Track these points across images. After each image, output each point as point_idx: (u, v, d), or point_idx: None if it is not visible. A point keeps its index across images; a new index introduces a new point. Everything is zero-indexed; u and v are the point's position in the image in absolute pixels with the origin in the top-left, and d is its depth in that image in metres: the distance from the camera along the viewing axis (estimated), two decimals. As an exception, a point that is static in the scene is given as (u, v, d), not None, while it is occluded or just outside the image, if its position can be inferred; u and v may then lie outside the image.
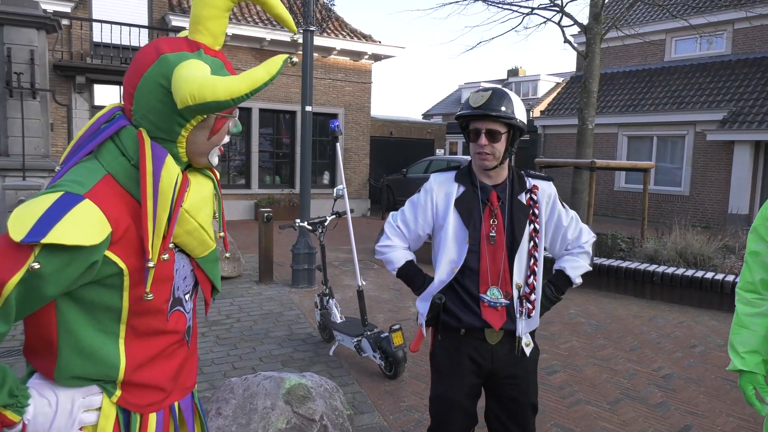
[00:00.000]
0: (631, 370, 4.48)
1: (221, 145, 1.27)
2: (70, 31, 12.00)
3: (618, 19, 10.28)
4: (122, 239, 1.10)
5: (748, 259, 1.89)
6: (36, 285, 1.00)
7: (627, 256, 7.81)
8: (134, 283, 1.14)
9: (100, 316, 1.14)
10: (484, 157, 2.03)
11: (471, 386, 2.13)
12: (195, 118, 1.17)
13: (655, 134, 15.88)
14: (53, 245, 0.99)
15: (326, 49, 14.48)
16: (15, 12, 6.66)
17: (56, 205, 1.01)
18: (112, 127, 1.16)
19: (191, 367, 1.38)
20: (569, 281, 2.21)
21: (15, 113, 6.90)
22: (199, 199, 1.26)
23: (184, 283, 1.30)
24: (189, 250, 1.28)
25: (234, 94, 1.06)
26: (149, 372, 1.23)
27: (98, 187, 1.09)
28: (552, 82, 31.80)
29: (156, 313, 1.21)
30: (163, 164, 1.13)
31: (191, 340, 1.37)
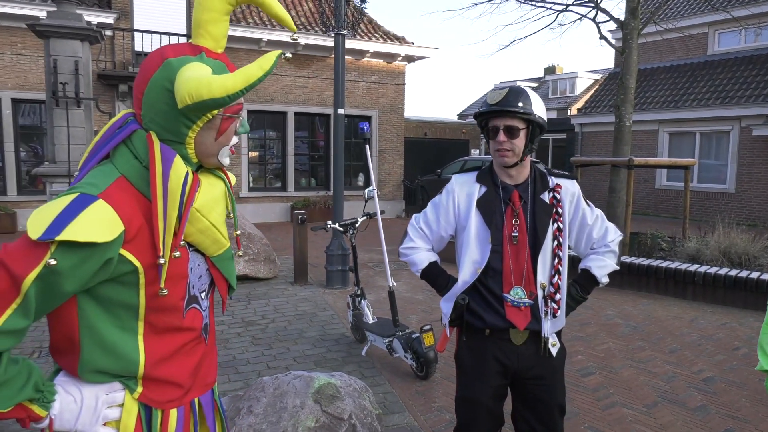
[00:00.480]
0: (670, 373, 4.37)
1: (230, 146, 1.30)
2: (113, 42, 12.42)
3: (656, 13, 9.99)
4: (136, 238, 1.15)
5: None
6: (54, 281, 1.05)
7: (668, 256, 7.60)
8: (149, 281, 1.18)
9: (119, 313, 1.19)
10: (503, 153, 2.03)
11: (496, 387, 2.12)
12: (201, 119, 1.20)
13: (697, 130, 15.40)
14: (68, 242, 1.04)
15: (360, 51, 14.57)
16: (60, 25, 6.93)
17: (71, 206, 1.07)
18: (123, 131, 1.21)
19: (210, 364, 1.42)
20: (595, 281, 2.18)
21: (61, 122, 7.17)
22: (211, 199, 1.29)
23: (199, 282, 1.34)
24: (203, 248, 1.32)
25: (229, 91, 1.10)
26: (168, 368, 1.27)
27: (112, 188, 1.14)
28: (590, 79, 31.18)
29: (172, 310, 1.25)
30: (172, 164, 1.17)
31: (209, 338, 1.40)
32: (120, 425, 1.22)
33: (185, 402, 1.33)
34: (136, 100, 1.24)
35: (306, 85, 14.39)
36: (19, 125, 12.02)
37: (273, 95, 13.99)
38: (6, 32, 11.52)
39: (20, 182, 12.01)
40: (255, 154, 14.32)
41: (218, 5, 1.23)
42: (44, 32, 6.89)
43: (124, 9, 12.61)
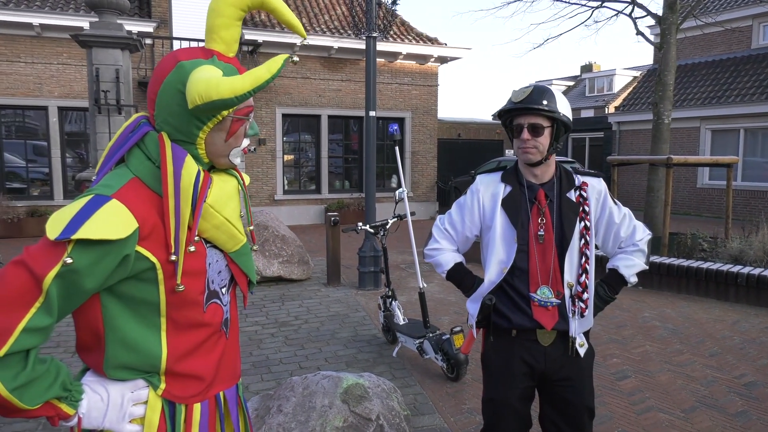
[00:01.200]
0: (710, 377, 4.24)
1: (242, 147, 1.34)
2: (153, 50, 12.79)
3: (695, 8, 9.71)
4: (151, 235, 1.19)
5: None
6: (73, 279, 1.10)
7: (709, 257, 7.38)
8: (168, 277, 1.22)
9: (141, 310, 1.24)
10: (527, 150, 2.02)
11: (524, 389, 2.11)
12: (211, 120, 1.24)
13: (741, 126, 14.88)
14: (84, 241, 1.09)
15: (392, 53, 14.61)
16: (102, 35, 7.18)
17: (86, 207, 1.12)
18: (136, 134, 1.26)
19: (233, 359, 1.45)
20: (623, 280, 2.14)
21: (103, 128, 7.43)
22: (223, 195, 1.33)
23: (219, 277, 1.37)
24: (220, 244, 1.35)
25: (237, 92, 1.14)
26: (190, 363, 1.31)
27: (125, 189, 1.18)
28: (629, 76, 30.42)
29: (192, 305, 1.28)
30: (183, 163, 1.22)
31: (231, 332, 1.43)
32: (145, 422, 1.26)
33: (209, 396, 1.37)
34: (149, 101, 1.29)
35: (339, 88, 14.52)
36: (65, 132, 12.49)
37: (307, 99, 14.16)
38: (53, 43, 11.99)
39: (66, 187, 12.47)
40: (290, 157, 14.51)
41: (230, 11, 1.28)
42: (87, 42, 7.15)
43: (163, 18, 12.96)
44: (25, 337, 1.06)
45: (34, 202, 12.10)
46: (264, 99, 13.71)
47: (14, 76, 11.79)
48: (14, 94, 11.82)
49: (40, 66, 11.97)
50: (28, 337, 1.06)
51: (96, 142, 7.50)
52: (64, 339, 5.04)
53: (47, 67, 12.01)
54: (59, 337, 5.07)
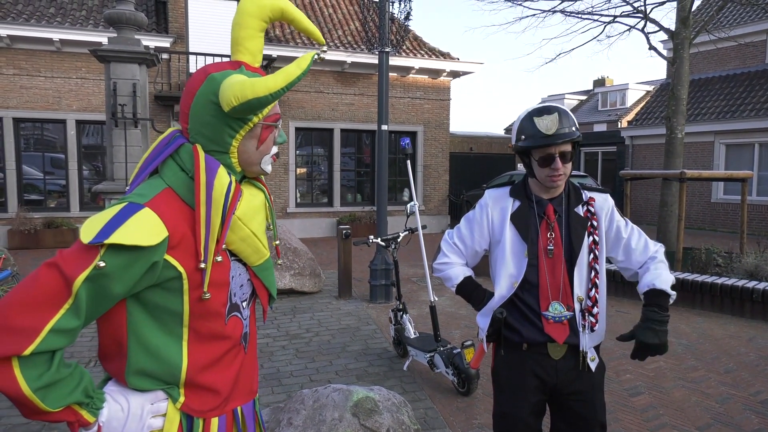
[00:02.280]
0: (725, 394, 4.18)
1: (272, 154, 1.39)
2: (169, 65, 13.00)
3: (708, 23, 9.69)
4: (180, 245, 1.22)
5: None
6: (103, 283, 1.13)
7: (724, 272, 7.30)
8: (193, 287, 1.25)
9: (165, 318, 1.26)
10: (556, 178, 2.00)
11: (535, 403, 2.10)
12: (243, 128, 1.29)
13: (756, 141, 14.75)
14: (116, 246, 1.13)
15: (405, 68, 14.72)
16: (120, 50, 7.33)
17: (120, 214, 1.16)
18: (171, 146, 1.30)
19: (251, 373, 1.46)
20: (666, 294, 2.02)
21: (119, 141, 7.55)
22: (251, 209, 1.36)
23: (241, 291, 1.39)
24: (244, 257, 1.38)
25: (271, 90, 1.18)
26: (209, 376, 1.32)
27: (158, 198, 1.22)
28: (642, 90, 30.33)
29: (215, 316, 1.30)
30: (216, 174, 1.25)
31: (249, 347, 1.45)
32: None
33: (227, 411, 1.38)
34: (182, 115, 1.33)
35: (352, 102, 14.63)
36: (83, 145, 12.69)
37: (320, 113, 14.28)
38: (72, 58, 12.24)
39: (82, 199, 12.65)
40: (303, 170, 14.61)
41: (254, 23, 1.33)
42: (105, 57, 7.30)
43: (179, 33, 13.19)
44: (52, 337, 1.08)
45: (51, 213, 12.28)
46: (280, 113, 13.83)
47: (34, 90, 12.04)
48: (34, 107, 12.05)
49: (60, 80, 12.21)
50: (54, 337, 1.08)
51: (112, 155, 7.62)
52: (78, 350, 5.09)
53: (66, 81, 12.25)
54: (73, 347, 5.12)
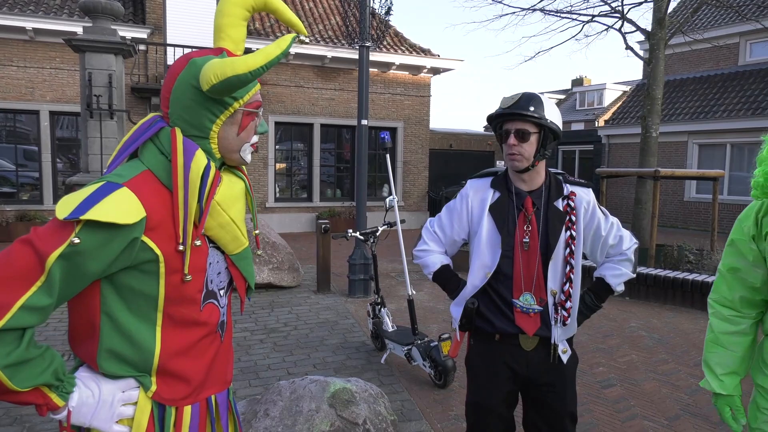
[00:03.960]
0: (694, 386, 4.29)
1: (252, 143, 1.37)
2: (147, 56, 12.80)
3: (684, 24, 9.88)
4: (158, 227, 1.21)
5: (725, 273, 1.80)
6: (78, 261, 1.12)
7: (695, 269, 7.47)
8: (169, 271, 1.24)
9: (139, 303, 1.25)
10: (513, 157, 2.05)
11: (507, 393, 2.14)
12: (223, 113, 1.29)
13: (728, 141, 15.10)
14: (92, 222, 1.11)
15: (385, 64, 14.72)
16: (95, 39, 7.20)
17: (97, 192, 1.15)
18: (151, 130, 1.30)
19: (226, 363, 1.46)
20: (610, 289, 2.18)
21: (94, 133, 7.43)
22: (231, 195, 1.35)
23: (218, 278, 1.39)
24: (223, 244, 1.37)
25: (251, 67, 1.18)
26: (182, 362, 1.31)
27: (137, 179, 1.21)
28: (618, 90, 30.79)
29: (190, 302, 1.30)
30: (194, 156, 1.25)
31: (225, 336, 1.45)
32: (133, 423, 1.26)
33: (200, 399, 1.37)
34: (163, 99, 1.33)
35: (332, 97, 14.59)
36: (56, 137, 12.45)
37: (300, 107, 14.21)
38: (46, 47, 11.98)
39: (56, 192, 12.41)
40: (282, 165, 14.53)
41: (236, 11, 1.33)
42: (80, 47, 7.17)
43: (157, 24, 13.00)
44: (23, 314, 1.06)
45: (24, 206, 12.03)
46: (257, 107, 13.73)
47: (6, 80, 11.76)
48: (6, 98, 11.78)
49: (33, 70, 11.95)
50: (25, 314, 1.07)
51: (87, 147, 7.50)
52: (52, 343, 5.01)
53: (40, 71, 11.99)
54: (47, 340, 5.04)
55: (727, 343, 1.78)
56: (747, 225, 1.73)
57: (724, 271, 1.81)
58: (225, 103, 1.28)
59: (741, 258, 1.75)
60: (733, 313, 1.80)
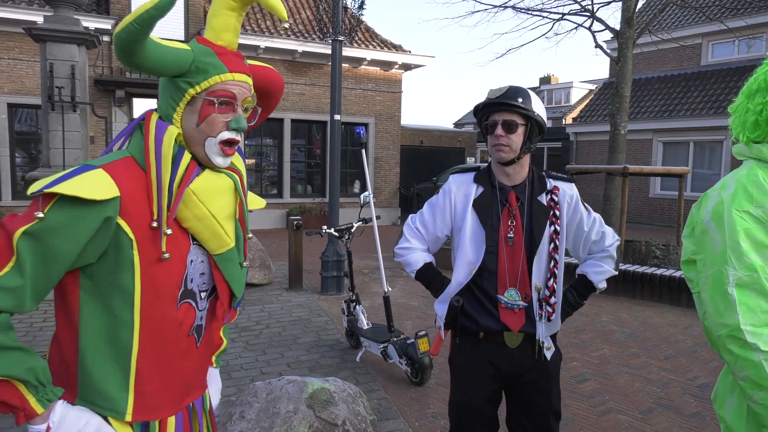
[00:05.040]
0: (665, 379, 4.36)
1: (219, 140, 1.27)
2: (111, 47, 12.42)
3: (650, 23, 10.08)
4: (134, 212, 1.17)
5: (759, 278, 1.28)
6: (46, 240, 1.08)
7: (662, 264, 7.62)
8: (144, 259, 1.19)
9: (116, 302, 1.19)
10: (500, 148, 2.02)
11: (491, 391, 2.11)
12: (182, 99, 1.25)
13: (691, 139, 15.49)
14: (62, 199, 1.09)
15: (357, 59, 14.61)
16: (57, 29, 6.92)
17: (71, 171, 1.13)
18: (138, 118, 1.29)
19: (202, 369, 1.40)
20: (592, 286, 2.17)
21: (56, 126, 7.15)
22: (211, 188, 1.29)
23: (200, 279, 1.32)
24: (203, 241, 1.30)
25: (135, 14, 1.11)
26: (161, 369, 1.26)
27: (115, 163, 1.18)
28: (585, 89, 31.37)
29: (167, 297, 1.23)
30: (165, 131, 1.22)
31: (202, 343, 1.37)
32: None
33: (182, 407, 1.32)
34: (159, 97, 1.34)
35: (303, 92, 14.42)
36: (15, 130, 11.99)
37: (269, 102, 13.98)
38: (3, 37, 11.51)
39: (15, 187, 11.96)
40: (251, 161, 14.30)
41: (220, 1, 1.30)
42: (41, 36, 6.89)
43: (122, 15, 12.62)
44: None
45: (-20, 202, 11.56)
46: (225, 101, 13.48)
47: (-40, 71, 11.27)
48: (-40, 89, 11.29)
49: (-11, 60, 11.48)
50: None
51: (49, 141, 7.21)
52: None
53: (-4, 61, 11.53)
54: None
55: None
56: None
57: (756, 275, 1.29)
58: (180, 89, 1.24)
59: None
60: None
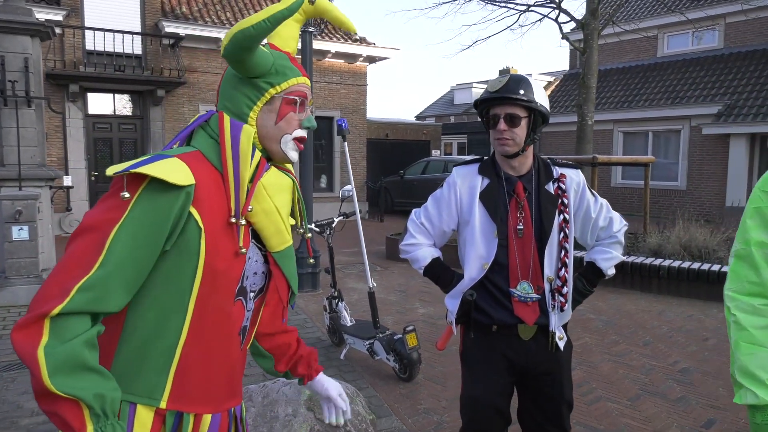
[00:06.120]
0: (647, 365, 4.43)
1: (294, 137, 1.30)
2: (63, 40, 11.88)
3: (614, 15, 10.26)
4: (204, 203, 1.16)
5: (752, 253, 1.44)
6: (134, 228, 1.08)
7: (631, 251, 7.77)
8: (210, 250, 1.16)
9: (171, 289, 1.16)
10: (503, 142, 1.97)
11: (505, 385, 2.06)
12: (260, 99, 1.26)
13: (650, 129, 15.91)
14: (149, 183, 1.10)
15: (321, 52, 14.41)
16: (8, 20, 6.54)
17: (147, 158, 1.13)
18: (201, 117, 1.29)
19: (241, 373, 1.35)
20: (601, 273, 2.14)
21: (10, 122, 6.77)
22: (277, 184, 1.30)
23: (253, 278, 1.30)
24: (266, 237, 1.29)
25: (252, 22, 1.16)
26: (205, 362, 1.21)
27: (187, 155, 1.19)
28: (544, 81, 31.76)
29: (225, 291, 1.21)
30: (242, 129, 1.23)
31: (244, 345, 1.33)
32: None
33: (222, 409, 1.26)
34: (217, 96, 1.35)
35: (266, 85, 14.12)
36: (-39, 128, 11.34)
37: (232, 96, 13.66)
38: (-56, 29, 10.85)
39: (-38, 188, 11.33)
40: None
41: None
42: (-9, 27, 6.49)
43: (74, 6, 12.08)
44: (81, 295, 1.02)
45: (-76, 204, 10.89)
46: (187, 95, 13.10)
47: None
48: None
49: (-70, 54, 10.79)
50: (80, 296, 1.02)
51: (1, 138, 6.82)
52: None
53: (-61, 55, 10.85)
54: None
55: (766, 340, 1.40)
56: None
57: (751, 249, 1.45)
58: (261, 88, 1.26)
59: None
60: (765, 302, 1.42)
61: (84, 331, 1.03)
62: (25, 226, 6.24)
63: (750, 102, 13.81)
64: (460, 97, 31.22)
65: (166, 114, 12.95)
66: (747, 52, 15.17)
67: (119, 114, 12.98)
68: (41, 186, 7.04)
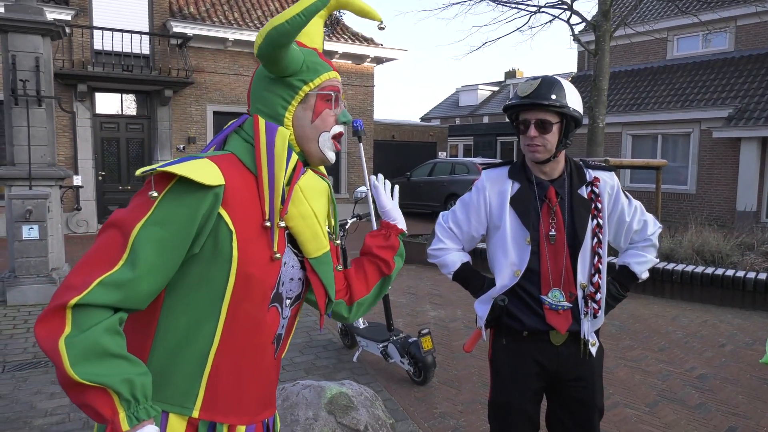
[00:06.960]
0: (664, 371, 4.37)
1: (332, 134, 1.28)
2: (71, 39, 11.89)
3: (627, 17, 10.20)
4: (235, 205, 1.13)
5: None
6: (160, 228, 1.06)
7: (643, 255, 7.71)
8: (242, 255, 1.13)
9: (203, 294, 1.13)
10: (534, 149, 1.91)
11: (535, 390, 2.02)
12: (294, 98, 1.24)
13: (659, 132, 15.81)
14: (177, 183, 1.08)
15: (329, 53, 14.39)
16: (20, 19, 6.53)
17: (179, 159, 1.12)
18: (236, 122, 1.27)
19: (275, 384, 1.31)
20: (635, 277, 2.10)
21: (21, 121, 6.76)
22: (314, 188, 1.27)
23: (289, 284, 1.27)
24: (302, 242, 1.25)
25: (286, 17, 1.13)
26: (238, 371, 1.17)
27: (220, 157, 1.17)
28: (551, 83, 31.72)
29: (259, 297, 1.17)
30: (277, 131, 1.20)
31: (278, 354, 1.29)
32: None
33: (257, 420, 1.22)
34: (248, 99, 1.33)
35: (274, 86, 14.11)
36: (-30, 126, 11.36)
37: (239, 96, 13.66)
38: (-45, 28, 10.87)
39: (-29, 187, 11.34)
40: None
41: None
42: (2, 27, 6.50)
43: (82, 5, 12.10)
44: (99, 290, 1.00)
45: (-67, 203, 10.90)
46: (194, 96, 13.10)
47: None
48: None
49: (-59, 52, 10.81)
50: (102, 290, 1.00)
51: (12, 137, 6.81)
52: None
53: (-51, 54, 10.87)
54: None
55: None
56: None
57: None
58: (294, 87, 1.24)
59: None
60: None
61: (105, 319, 1.01)
62: (35, 226, 6.23)
63: (761, 105, 13.70)
64: (465, 98, 31.18)
65: (173, 114, 12.95)
66: (758, 55, 15.06)
67: (127, 114, 12.98)
68: (51, 185, 7.03)
